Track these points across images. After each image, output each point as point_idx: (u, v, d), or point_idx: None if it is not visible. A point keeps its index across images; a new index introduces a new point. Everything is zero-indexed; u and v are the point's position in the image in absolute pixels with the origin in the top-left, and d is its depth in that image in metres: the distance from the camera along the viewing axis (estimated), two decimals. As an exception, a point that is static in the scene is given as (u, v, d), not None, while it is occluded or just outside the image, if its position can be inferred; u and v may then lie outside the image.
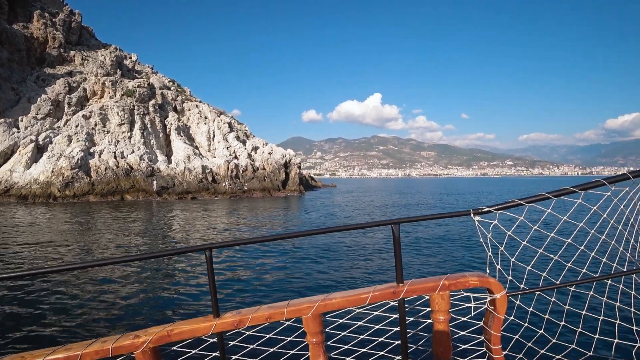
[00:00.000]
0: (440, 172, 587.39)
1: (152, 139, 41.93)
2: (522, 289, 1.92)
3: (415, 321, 2.08)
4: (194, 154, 41.08)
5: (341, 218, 21.40)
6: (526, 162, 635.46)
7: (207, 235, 14.93)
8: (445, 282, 1.77)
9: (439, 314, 1.81)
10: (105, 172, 33.21)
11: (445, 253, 10.93)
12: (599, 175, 3.85)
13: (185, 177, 37.44)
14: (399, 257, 1.77)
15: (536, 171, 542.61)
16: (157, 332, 1.60)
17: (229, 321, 1.65)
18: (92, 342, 1.56)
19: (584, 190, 1.74)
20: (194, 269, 9.39)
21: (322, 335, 1.74)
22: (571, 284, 1.96)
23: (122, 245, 12.69)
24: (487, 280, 1.78)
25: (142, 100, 43.52)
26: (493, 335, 1.79)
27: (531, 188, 66.23)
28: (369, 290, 1.74)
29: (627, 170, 1.78)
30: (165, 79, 57.42)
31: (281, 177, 41.84)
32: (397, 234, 1.75)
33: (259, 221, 19.33)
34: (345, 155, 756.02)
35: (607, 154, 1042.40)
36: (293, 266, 9.51)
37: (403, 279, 1.80)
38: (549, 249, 1.97)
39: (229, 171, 39.01)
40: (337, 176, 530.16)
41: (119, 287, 7.84)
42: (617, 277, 1.96)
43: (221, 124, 45.90)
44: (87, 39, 59.97)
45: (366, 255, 10.84)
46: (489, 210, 1.80)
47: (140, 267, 9.35)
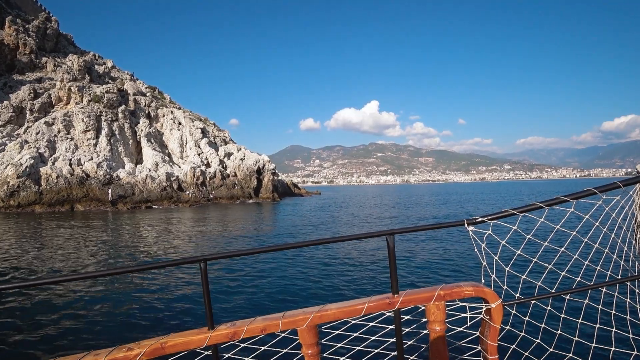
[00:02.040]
0: (439, 177, 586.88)
1: (120, 146, 40.26)
2: (517, 298, 1.92)
3: (411, 332, 2.07)
4: (162, 160, 39.36)
5: (288, 235, 19.67)
6: (524, 165, 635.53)
7: (136, 251, 13.32)
8: (440, 292, 1.76)
9: (434, 324, 1.79)
10: (57, 180, 31.01)
11: (440, 263, 10.85)
12: (597, 178, 3.40)
13: (146, 185, 35.47)
14: (393, 268, 1.77)
15: (534, 175, 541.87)
16: (150, 344, 1.57)
17: (223, 333, 1.63)
18: (84, 355, 1.52)
19: (576, 199, 1.75)
20: (188, 280, 9.23)
21: (317, 347, 1.72)
22: (566, 292, 1.96)
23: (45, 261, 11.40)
24: (483, 290, 1.78)
25: (110, 106, 41.97)
26: (489, 345, 1.79)
27: (527, 192, 64.58)
28: (365, 301, 1.73)
29: (624, 172, 1.48)
30: (142, 86, 56.01)
31: (253, 184, 40.00)
32: (392, 245, 1.75)
33: (193, 234, 17.64)
34: (344, 162, 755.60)
35: (604, 156, 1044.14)
36: (288, 277, 9.45)
37: (398, 289, 1.79)
38: (543, 258, 2.00)
39: (194, 178, 37.23)
40: (335, 184, 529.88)
41: (112, 299, 7.73)
42: (611, 284, 1.96)
43: (193, 130, 44.22)
44: (65, 46, 58.80)
45: (361, 266, 10.74)
46: (483, 220, 1.80)
47: (132, 279, 9.26)
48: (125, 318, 6.63)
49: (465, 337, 1.97)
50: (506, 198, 48.38)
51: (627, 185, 1.75)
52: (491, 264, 1.91)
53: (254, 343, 1.81)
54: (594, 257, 2.02)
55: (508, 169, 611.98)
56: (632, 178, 1.83)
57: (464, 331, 1.96)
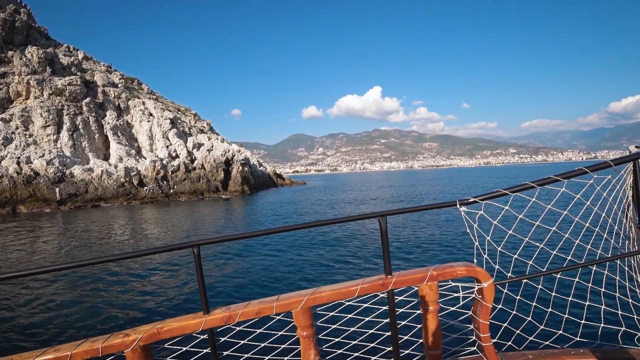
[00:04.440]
0: (443, 162, 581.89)
1: (84, 141, 38.48)
2: (509, 278, 1.94)
3: (405, 312, 2.10)
4: (127, 154, 37.55)
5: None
6: (530, 149, 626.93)
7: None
8: (433, 272, 1.77)
9: (428, 304, 1.81)
10: (1, 180, 29.15)
11: (432, 244, 10.84)
12: (604, 160, 2.63)
13: (102, 182, 33.41)
14: (386, 249, 1.78)
15: (540, 158, 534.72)
16: (147, 330, 1.58)
17: (218, 317, 1.64)
18: (82, 342, 1.53)
19: (567, 178, 1.77)
20: (182, 266, 9.31)
21: (312, 329, 1.73)
22: (557, 271, 1.98)
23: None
24: (475, 270, 1.80)
25: (74, 99, 40.07)
26: (482, 323, 1.80)
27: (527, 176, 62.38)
28: (358, 283, 1.75)
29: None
30: (115, 77, 54.05)
31: (220, 177, 38.00)
32: (384, 226, 1.76)
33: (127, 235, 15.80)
34: (347, 150, 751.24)
35: (611, 138, 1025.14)
36: (281, 261, 9.51)
37: (391, 270, 1.80)
38: (534, 238, 2.00)
39: (154, 173, 35.41)
40: (338, 171, 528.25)
41: (107, 287, 7.83)
42: (601, 263, 1.99)
43: (162, 121, 42.21)
44: (37, 39, 56.77)
45: (354, 248, 10.77)
46: (475, 200, 1.82)
47: (127, 266, 9.33)
48: (121, 305, 6.65)
49: (458, 316, 2.00)
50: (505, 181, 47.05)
51: (618, 164, 1.78)
52: (483, 244, 1.94)
53: (249, 326, 1.84)
54: (584, 236, 2.08)
55: (513, 152, 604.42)
56: (624, 157, 1.83)
57: (457, 311, 1.98)
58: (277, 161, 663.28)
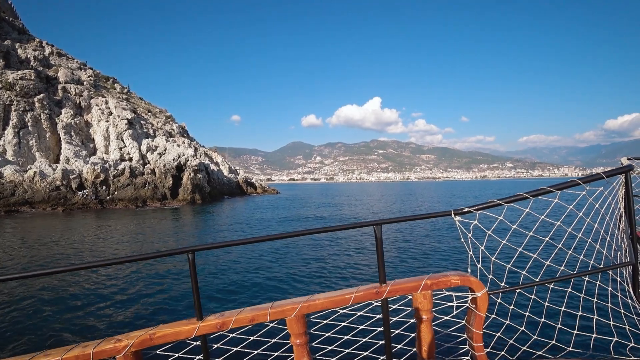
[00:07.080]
0: (440, 175, 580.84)
1: (32, 140, 36.39)
2: (502, 287, 1.93)
3: (399, 321, 2.09)
4: (76, 156, 35.40)
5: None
6: (526, 164, 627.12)
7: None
8: (427, 281, 1.77)
9: (421, 313, 1.81)
10: None
11: (427, 253, 10.84)
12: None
13: (34, 184, 31.17)
14: (381, 258, 1.78)
15: (536, 173, 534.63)
16: (139, 335, 1.57)
17: (212, 323, 1.63)
18: (73, 347, 1.51)
19: (560, 190, 1.77)
20: (176, 272, 9.26)
21: (306, 337, 1.72)
22: (550, 281, 1.98)
23: None
24: (468, 279, 1.80)
25: (25, 94, 38.06)
26: (475, 333, 1.80)
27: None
28: (352, 291, 1.74)
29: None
30: (84, 74, 52.02)
31: (168, 184, 35.50)
32: (380, 235, 1.76)
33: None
34: (345, 159, 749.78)
35: (607, 155, 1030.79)
36: (276, 268, 9.46)
37: (386, 279, 1.80)
38: (528, 248, 1.98)
39: (93, 177, 32.96)
40: (334, 180, 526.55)
41: (100, 292, 7.73)
42: (594, 273, 1.98)
43: (118, 121, 40.06)
44: (8, 32, 54.97)
45: (349, 256, 10.78)
46: (469, 210, 1.81)
47: (121, 271, 9.24)
48: (113, 310, 6.54)
49: (451, 325, 2.01)
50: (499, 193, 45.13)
51: (610, 176, 1.80)
52: (477, 253, 1.93)
53: (243, 333, 1.83)
54: (577, 246, 2.08)
55: (510, 167, 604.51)
56: (615, 169, 1.85)
57: (451, 320, 1.98)
58: (274, 168, 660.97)
